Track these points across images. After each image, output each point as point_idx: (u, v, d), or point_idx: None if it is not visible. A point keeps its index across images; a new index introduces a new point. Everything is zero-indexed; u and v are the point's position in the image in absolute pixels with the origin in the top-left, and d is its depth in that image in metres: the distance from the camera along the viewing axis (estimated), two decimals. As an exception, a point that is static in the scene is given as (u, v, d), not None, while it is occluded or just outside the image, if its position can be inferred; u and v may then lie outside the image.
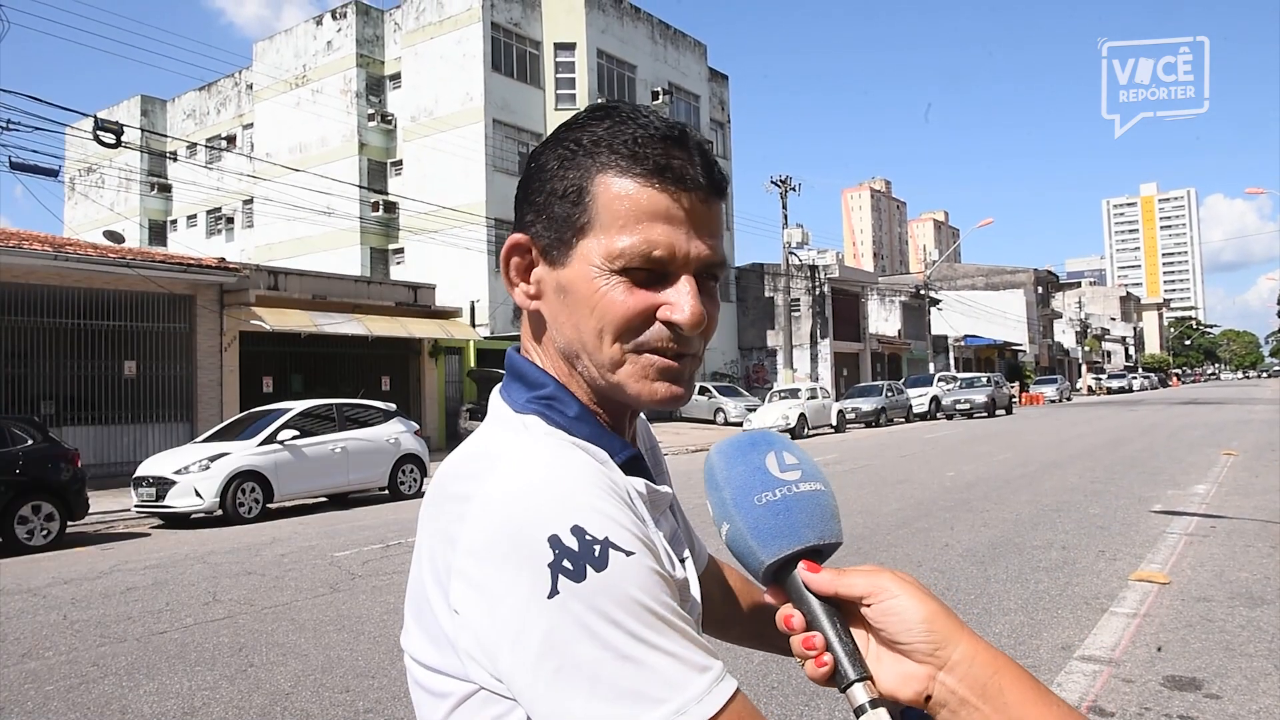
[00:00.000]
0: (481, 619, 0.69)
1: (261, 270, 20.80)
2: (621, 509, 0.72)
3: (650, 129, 0.81)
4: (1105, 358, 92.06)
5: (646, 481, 0.84)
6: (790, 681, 4.42)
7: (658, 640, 0.66)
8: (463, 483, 0.75)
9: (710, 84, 40.72)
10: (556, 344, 0.84)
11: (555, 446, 0.77)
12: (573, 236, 0.80)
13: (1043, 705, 0.67)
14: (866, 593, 0.71)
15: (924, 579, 6.64)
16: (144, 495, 12.15)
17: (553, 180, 0.82)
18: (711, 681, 0.66)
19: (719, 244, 0.83)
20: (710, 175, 0.83)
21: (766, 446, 0.79)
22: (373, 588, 7.19)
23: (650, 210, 0.79)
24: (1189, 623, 5.31)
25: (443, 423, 24.25)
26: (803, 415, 26.21)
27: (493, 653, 0.69)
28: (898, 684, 0.70)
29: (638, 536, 0.70)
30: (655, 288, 0.80)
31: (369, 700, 4.47)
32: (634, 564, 0.68)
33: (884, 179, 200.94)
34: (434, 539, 0.75)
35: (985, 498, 10.98)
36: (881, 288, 52.09)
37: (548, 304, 0.84)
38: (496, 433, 0.82)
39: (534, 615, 0.66)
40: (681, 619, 0.69)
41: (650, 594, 0.67)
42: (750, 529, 0.74)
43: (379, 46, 35.55)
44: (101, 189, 42.32)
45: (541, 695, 0.66)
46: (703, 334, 0.82)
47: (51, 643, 5.89)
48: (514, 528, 0.68)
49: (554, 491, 0.71)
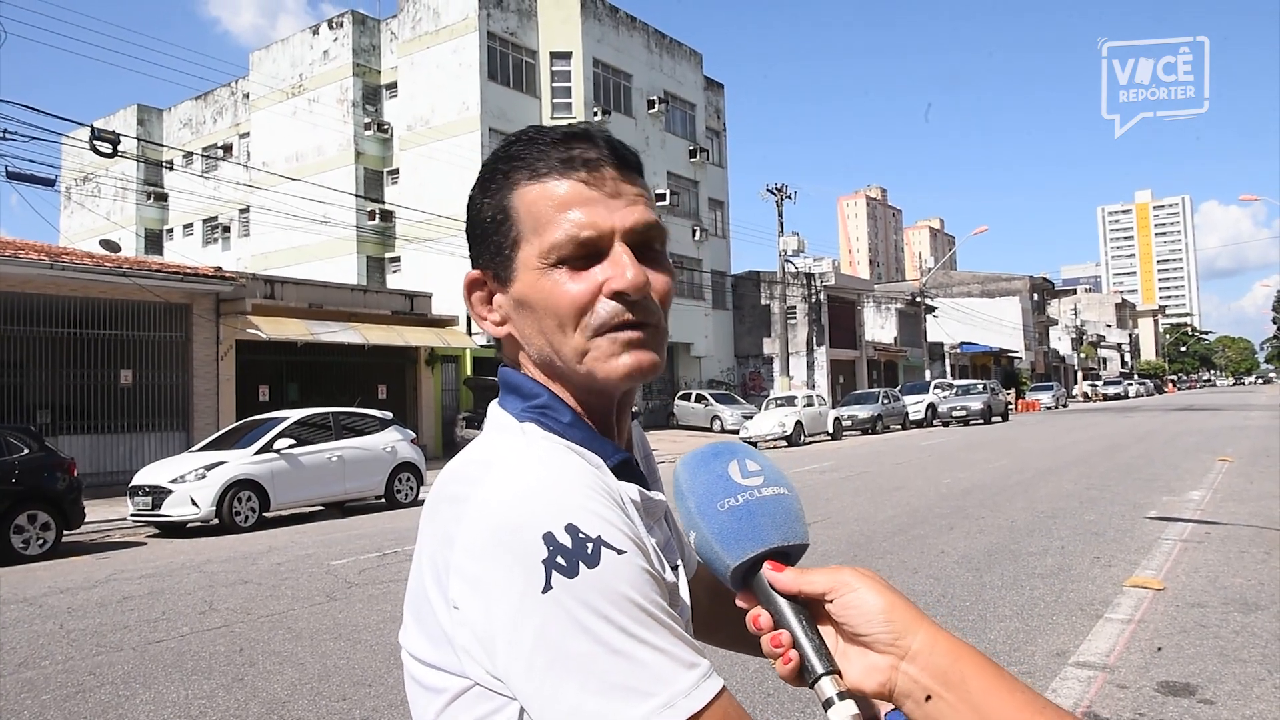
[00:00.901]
0: (479, 614, 0.71)
1: (258, 279, 20.82)
2: (614, 510, 0.74)
3: (552, 135, 0.86)
4: (1101, 364, 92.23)
5: (639, 488, 0.85)
6: (785, 689, 4.42)
7: (647, 636, 0.68)
8: (460, 486, 0.78)
9: (706, 92, 40.82)
10: (532, 358, 0.88)
11: (550, 450, 0.79)
12: (511, 253, 0.85)
13: (1005, 691, 0.67)
14: (828, 588, 0.74)
15: (920, 586, 6.66)
16: (140, 504, 12.13)
17: (482, 211, 0.87)
18: (699, 678, 0.69)
19: (645, 210, 0.86)
20: (617, 154, 0.87)
21: (729, 455, 0.81)
22: (369, 596, 7.19)
23: (565, 200, 0.83)
24: (1183, 628, 5.33)
25: (439, 431, 24.23)
26: (799, 423, 26.22)
27: (489, 647, 0.71)
28: (862, 676, 0.72)
29: (629, 536, 0.72)
30: (595, 267, 0.83)
31: (366, 709, 4.48)
32: (626, 562, 0.70)
33: (879, 187, 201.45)
34: (433, 540, 0.78)
35: (981, 504, 11.00)
36: (877, 295, 52.20)
37: (515, 324, 0.88)
38: (494, 439, 0.85)
39: (528, 610, 0.68)
40: (671, 617, 0.71)
41: (641, 591, 0.70)
42: (715, 534, 0.76)
43: (375, 56, 35.62)
44: (98, 198, 42.31)
45: (535, 688, 0.68)
46: (660, 301, 0.85)
47: (48, 652, 5.88)
48: (510, 526, 0.71)
49: (549, 492, 0.73)
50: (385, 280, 33.81)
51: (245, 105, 40.19)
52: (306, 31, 37.09)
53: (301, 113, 35.14)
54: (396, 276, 33.54)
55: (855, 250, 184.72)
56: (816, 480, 15.00)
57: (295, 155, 35.83)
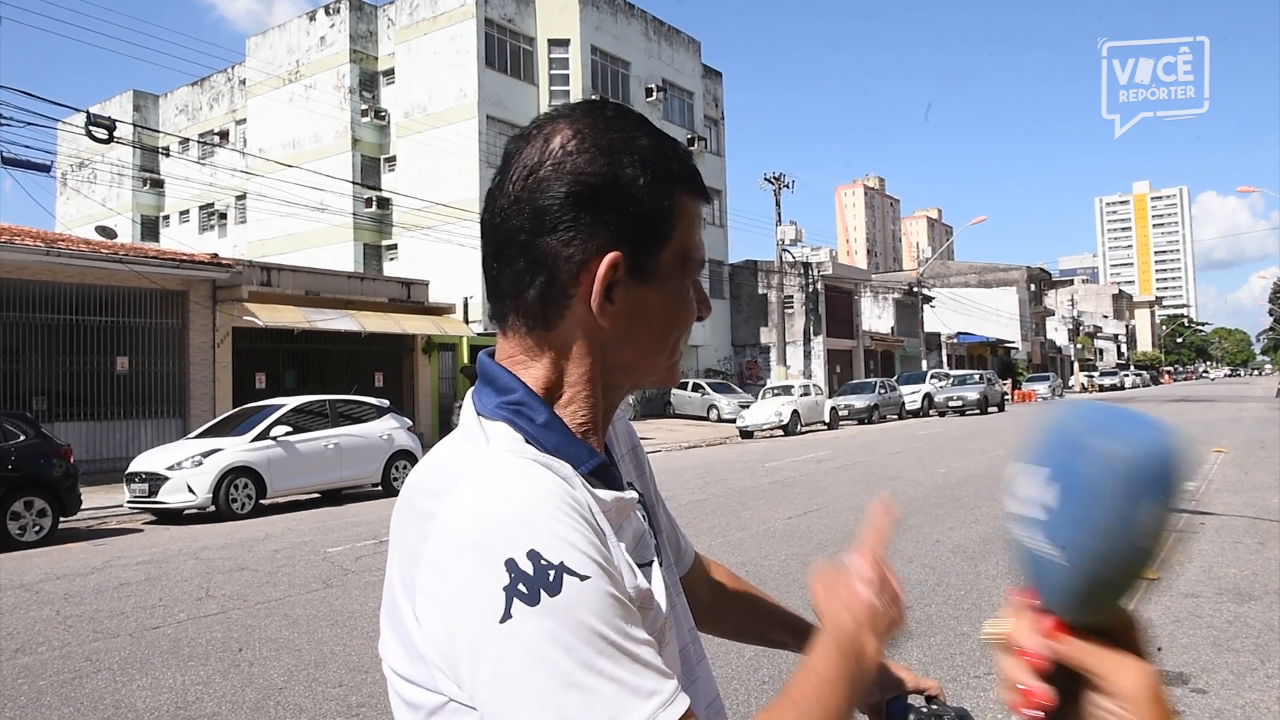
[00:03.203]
0: (442, 636, 0.71)
1: (254, 266, 20.77)
2: (580, 530, 0.72)
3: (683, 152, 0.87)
4: (1098, 355, 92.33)
5: (612, 492, 0.83)
6: (781, 677, 4.44)
7: (605, 666, 0.67)
8: (427, 500, 0.77)
9: (704, 81, 40.71)
10: (607, 359, 0.85)
11: (516, 465, 0.76)
12: (661, 251, 0.83)
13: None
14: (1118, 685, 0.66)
15: (915, 575, 6.68)
16: (137, 491, 12.14)
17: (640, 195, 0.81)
18: (658, 707, 0.68)
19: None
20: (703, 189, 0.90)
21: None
22: (365, 583, 7.21)
23: (697, 219, 0.85)
24: (1177, 618, 5.36)
25: (436, 419, 24.24)
26: (796, 412, 26.25)
27: (454, 668, 0.71)
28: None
29: (594, 560, 0.71)
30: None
31: (361, 695, 4.49)
32: (588, 589, 0.69)
33: (877, 176, 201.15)
34: (401, 554, 0.77)
35: (977, 494, 11.03)
36: (875, 285, 52.18)
37: (617, 321, 0.83)
38: (460, 446, 0.82)
39: (487, 638, 0.68)
40: (633, 641, 0.70)
41: (602, 618, 0.69)
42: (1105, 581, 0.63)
43: (372, 42, 35.46)
44: (94, 184, 42.15)
45: (495, 713, 0.68)
46: None
47: (45, 638, 5.89)
48: (473, 551, 0.70)
49: (512, 514, 0.71)
50: (382, 268, 33.76)
51: (242, 91, 40.03)
52: (303, 17, 36.93)
53: (298, 99, 35.00)
54: (394, 264, 33.49)
55: (853, 240, 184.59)
56: (813, 470, 15.03)
57: (292, 142, 35.71)
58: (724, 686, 4.29)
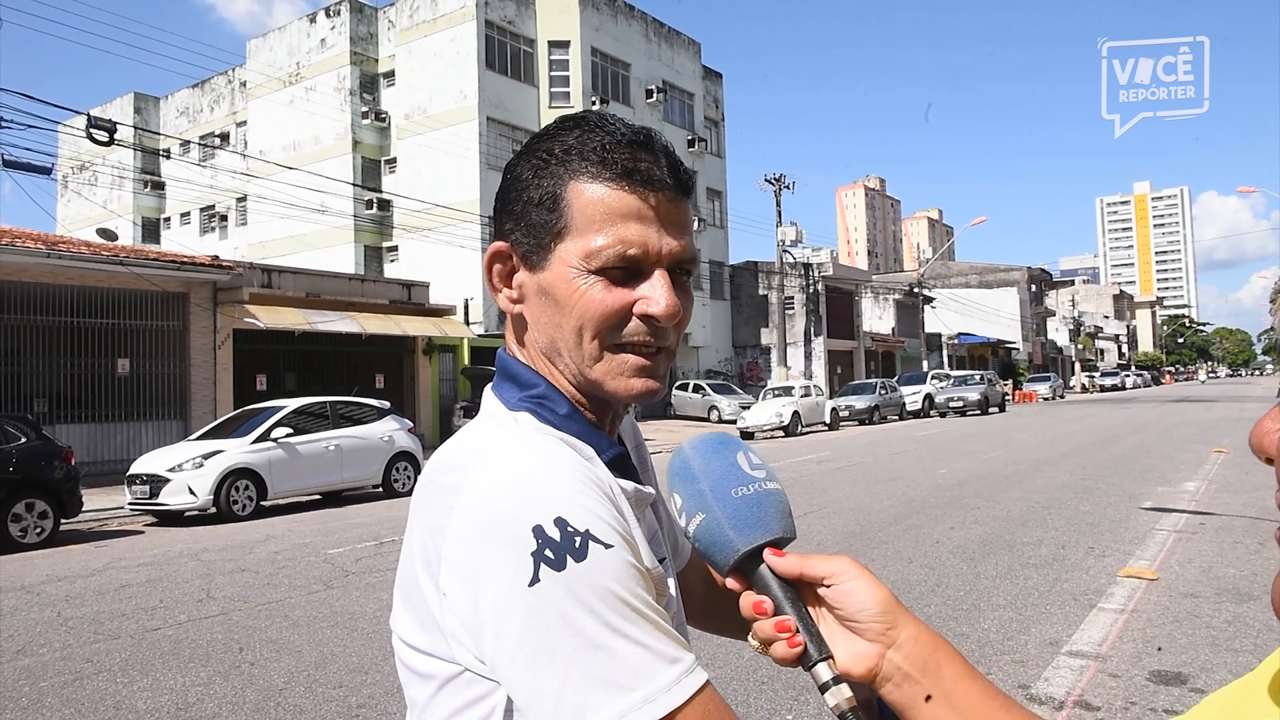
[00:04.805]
0: (467, 604, 0.72)
1: (255, 268, 20.78)
2: (604, 504, 0.75)
3: (617, 135, 0.84)
4: (1099, 356, 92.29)
5: (631, 482, 0.86)
6: (780, 676, 4.45)
7: (630, 630, 0.69)
8: (452, 475, 0.79)
9: (704, 82, 40.73)
10: (539, 344, 0.88)
11: (543, 441, 0.80)
12: (551, 241, 0.84)
13: (970, 680, 0.75)
14: (828, 574, 0.77)
15: (915, 575, 6.69)
16: (138, 493, 12.15)
17: (528, 189, 0.85)
18: (681, 673, 0.70)
19: (689, 239, 0.86)
20: (676, 175, 0.86)
21: (736, 446, 0.84)
22: (366, 585, 7.21)
23: (622, 211, 0.82)
24: (1176, 618, 5.36)
25: (437, 420, 24.26)
26: (796, 413, 26.25)
27: (477, 636, 0.72)
28: (850, 661, 0.75)
29: (617, 531, 0.73)
30: (631, 285, 0.83)
31: (362, 696, 4.50)
32: (612, 556, 0.71)
33: (878, 177, 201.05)
34: (424, 528, 0.78)
35: (977, 495, 11.04)
36: (875, 286, 52.16)
37: (529, 307, 0.87)
38: (487, 427, 0.85)
39: (514, 601, 0.69)
40: (655, 611, 0.72)
41: (626, 586, 0.71)
42: (729, 518, 0.78)
43: (373, 44, 35.48)
44: (95, 187, 42.17)
45: (519, 677, 0.70)
46: (676, 326, 0.86)
47: (46, 639, 5.90)
48: (500, 518, 0.72)
49: (539, 484, 0.74)
50: (383, 269, 33.77)
51: (242, 94, 40.05)
52: (303, 20, 36.94)
53: (299, 101, 35.03)
54: (394, 266, 33.49)
55: (853, 241, 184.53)
56: (813, 470, 15.03)
57: (292, 144, 35.74)
58: (724, 686, 4.30)
